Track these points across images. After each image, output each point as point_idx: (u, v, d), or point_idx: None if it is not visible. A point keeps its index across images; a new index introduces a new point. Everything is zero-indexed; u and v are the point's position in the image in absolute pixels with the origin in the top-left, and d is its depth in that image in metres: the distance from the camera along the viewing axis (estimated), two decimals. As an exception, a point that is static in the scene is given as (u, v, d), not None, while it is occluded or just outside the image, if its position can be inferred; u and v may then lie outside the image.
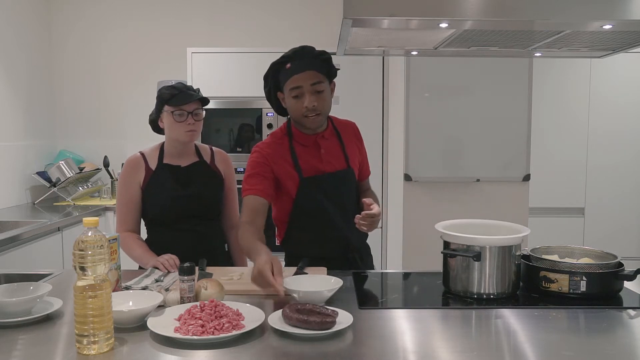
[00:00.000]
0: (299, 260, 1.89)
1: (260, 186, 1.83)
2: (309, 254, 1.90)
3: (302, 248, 1.94)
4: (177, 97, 1.92)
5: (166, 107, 1.94)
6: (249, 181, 1.85)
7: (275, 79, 1.88)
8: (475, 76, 3.33)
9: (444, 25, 1.50)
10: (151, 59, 4.25)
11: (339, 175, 1.91)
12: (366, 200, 1.75)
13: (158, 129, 2.04)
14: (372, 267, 2.06)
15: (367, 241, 2.09)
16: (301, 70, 1.78)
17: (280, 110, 1.94)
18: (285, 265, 2.02)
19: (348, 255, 1.95)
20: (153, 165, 2.00)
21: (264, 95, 1.96)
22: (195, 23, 4.24)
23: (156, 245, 1.98)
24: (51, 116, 4.26)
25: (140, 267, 1.97)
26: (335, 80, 1.92)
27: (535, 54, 1.98)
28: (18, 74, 3.81)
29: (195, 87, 2.02)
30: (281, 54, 1.88)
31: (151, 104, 2.04)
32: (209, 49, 3.66)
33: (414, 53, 2.04)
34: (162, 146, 2.04)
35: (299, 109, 1.81)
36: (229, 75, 3.63)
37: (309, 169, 1.88)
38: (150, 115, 2.03)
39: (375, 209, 1.73)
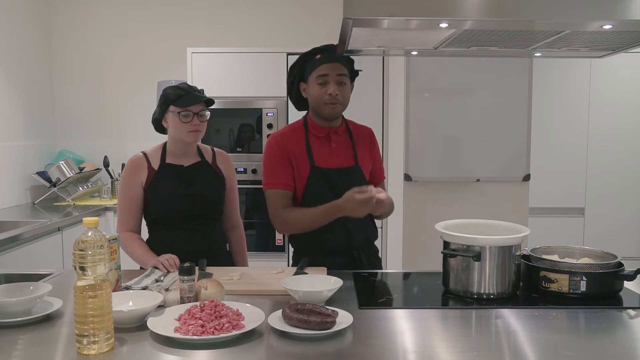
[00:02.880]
0: (304, 254, 1.96)
1: (284, 180, 1.92)
2: (314, 247, 1.95)
3: (307, 241, 1.97)
4: (183, 98, 1.93)
5: (172, 108, 1.95)
6: (270, 174, 1.94)
7: (301, 69, 1.96)
8: (475, 76, 3.33)
9: (444, 25, 1.50)
10: (151, 59, 4.25)
11: (347, 171, 1.95)
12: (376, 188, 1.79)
13: (161, 129, 2.05)
14: (380, 269, 2.06)
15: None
16: (330, 60, 1.89)
17: (298, 102, 2.02)
18: (293, 261, 2.04)
19: (353, 252, 1.96)
20: (156, 165, 2.01)
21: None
22: (195, 23, 4.24)
23: (158, 244, 1.99)
24: (51, 116, 4.26)
25: (141, 268, 1.97)
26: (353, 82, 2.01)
27: (535, 54, 1.98)
28: (18, 74, 3.81)
29: (198, 88, 2.02)
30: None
31: (151, 104, 2.05)
32: (209, 49, 3.66)
33: (414, 53, 2.04)
34: (164, 146, 2.05)
35: (322, 95, 1.89)
36: (229, 75, 3.63)
37: (320, 160, 1.94)
38: (153, 115, 2.03)
39: (378, 194, 1.76)
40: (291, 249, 2.06)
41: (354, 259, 1.97)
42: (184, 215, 1.99)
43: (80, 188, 3.95)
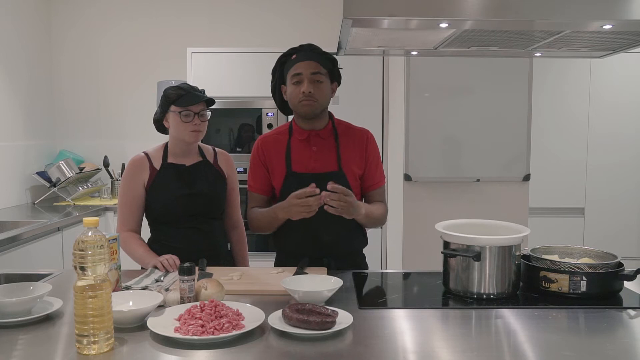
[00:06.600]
0: (283, 255, 2.00)
1: (259, 185, 2.00)
2: (285, 250, 1.99)
3: (282, 243, 1.99)
4: (184, 98, 1.94)
5: (172, 107, 1.95)
6: (250, 176, 2.02)
7: (280, 71, 1.95)
8: (475, 76, 3.33)
9: (444, 25, 1.50)
10: (151, 59, 4.25)
11: (326, 176, 1.90)
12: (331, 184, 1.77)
13: (162, 129, 2.05)
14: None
15: (365, 249, 2.07)
16: (305, 59, 1.87)
17: (282, 105, 2.00)
18: (276, 264, 2.04)
19: (322, 259, 1.91)
20: (157, 165, 2.01)
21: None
22: (195, 23, 4.24)
23: (160, 243, 2.00)
24: (51, 116, 4.26)
25: (142, 268, 1.97)
26: (336, 82, 1.97)
27: (535, 54, 1.99)
28: (18, 74, 3.81)
29: (199, 88, 2.03)
30: (281, 54, 1.91)
31: (151, 104, 2.06)
32: (209, 49, 3.66)
33: (414, 53, 2.04)
34: (165, 146, 2.06)
35: (296, 94, 1.88)
36: (229, 75, 3.63)
37: (299, 165, 1.93)
38: (154, 115, 2.04)
39: (340, 189, 1.73)
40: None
41: (323, 266, 1.89)
42: (185, 214, 1.99)
43: (80, 188, 3.95)
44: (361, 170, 1.97)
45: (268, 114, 3.60)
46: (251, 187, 2.02)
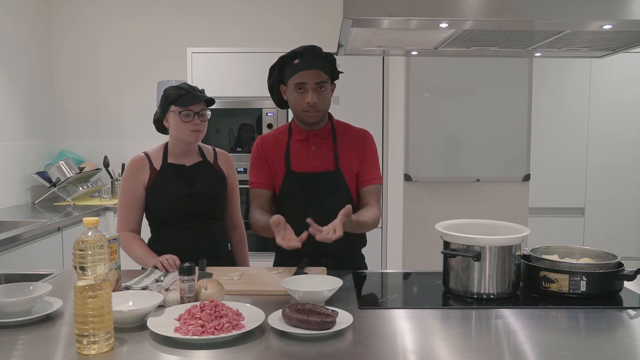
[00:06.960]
0: (282, 255, 1.98)
1: (262, 179, 1.98)
2: (285, 250, 1.91)
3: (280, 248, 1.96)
4: (184, 98, 1.94)
5: (172, 107, 1.95)
6: (252, 173, 2.00)
7: (280, 71, 1.93)
8: (475, 76, 3.33)
9: (444, 25, 1.50)
10: (151, 59, 4.25)
11: (323, 175, 1.92)
12: (345, 211, 1.67)
13: (162, 129, 2.05)
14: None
15: (364, 249, 2.07)
16: (308, 67, 1.85)
17: (280, 102, 2.00)
18: (275, 264, 2.04)
19: (320, 259, 1.91)
20: (157, 165, 2.01)
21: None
22: (195, 23, 4.24)
23: (160, 243, 2.00)
24: (51, 116, 4.26)
25: (142, 268, 1.97)
26: (335, 81, 1.97)
27: (535, 54, 1.99)
28: (18, 74, 3.81)
29: (199, 88, 2.03)
30: (281, 54, 1.91)
31: (151, 104, 2.05)
32: (209, 49, 3.66)
33: (414, 53, 2.04)
34: (165, 146, 2.06)
35: (300, 103, 1.87)
36: (229, 75, 3.63)
37: (297, 165, 1.93)
38: (154, 115, 2.04)
39: (328, 233, 1.65)
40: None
41: (321, 265, 1.89)
42: (185, 214, 1.99)
43: (80, 188, 3.95)
44: (358, 170, 1.98)
45: (268, 114, 3.60)
46: (253, 183, 1.99)
